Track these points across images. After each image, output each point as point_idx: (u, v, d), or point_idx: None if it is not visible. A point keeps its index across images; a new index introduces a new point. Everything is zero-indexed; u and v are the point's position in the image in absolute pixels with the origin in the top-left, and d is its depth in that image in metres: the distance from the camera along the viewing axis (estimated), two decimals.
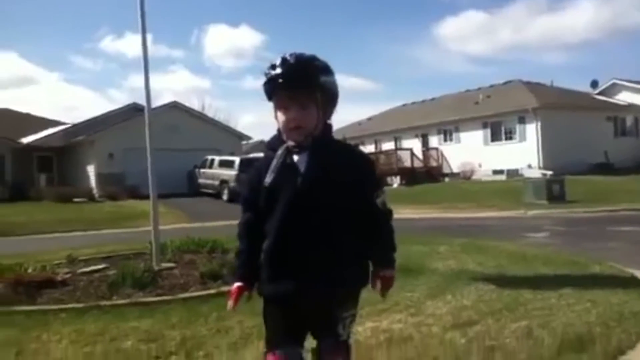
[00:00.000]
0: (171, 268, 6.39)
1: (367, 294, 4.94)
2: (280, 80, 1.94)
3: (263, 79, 2.00)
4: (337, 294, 2.01)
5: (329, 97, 2.04)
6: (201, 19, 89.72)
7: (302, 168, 1.97)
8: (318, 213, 1.94)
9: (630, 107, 30.04)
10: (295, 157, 1.99)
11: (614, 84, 32.29)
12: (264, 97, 2.03)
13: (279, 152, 1.99)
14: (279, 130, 2.04)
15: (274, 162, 1.98)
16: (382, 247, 2.11)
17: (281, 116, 2.00)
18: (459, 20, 74.79)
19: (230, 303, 2.06)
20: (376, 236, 2.08)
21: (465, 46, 78.09)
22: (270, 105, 2.04)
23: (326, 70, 2.01)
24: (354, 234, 2.01)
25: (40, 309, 4.93)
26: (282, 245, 1.95)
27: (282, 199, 1.95)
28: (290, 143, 1.99)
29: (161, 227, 7.15)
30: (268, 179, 1.96)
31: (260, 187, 2.00)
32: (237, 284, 2.07)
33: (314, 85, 1.98)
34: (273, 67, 1.97)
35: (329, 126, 2.07)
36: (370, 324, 4.14)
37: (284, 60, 1.96)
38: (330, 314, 2.01)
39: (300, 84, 1.95)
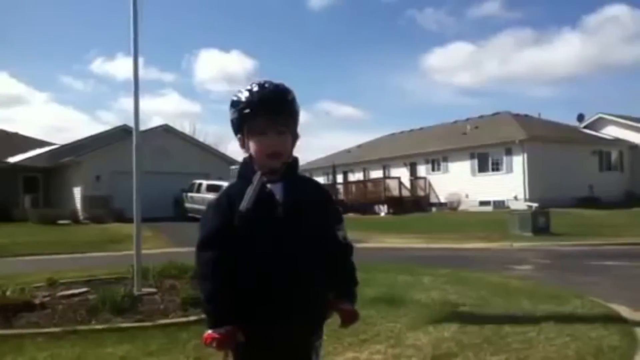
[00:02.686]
0: (152, 293, 6.33)
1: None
2: (262, 105, 1.91)
3: (238, 104, 1.95)
4: (316, 323, 2.00)
5: (297, 126, 2.03)
6: (193, 44, 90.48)
7: (279, 198, 1.93)
8: (300, 243, 1.91)
9: (615, 141, 30.55)
10: (270, 186, 1.93)
11: (600, 118, 32.85)
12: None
13: (255, 179, 1.92)
14: (250, 158, 1.98)
15: (251, 189, 1.89)
16: (345, 281, 2.05)
17: (257, 143, 1.94)
18: (445, 51, 76.04)
19: (228, 355, 1.89)
20: (339, 269, 2.04)
21: (453, 77, 79.32)
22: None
23: (296, 99, 2.01)
24: (323, 268, 1.97)
25: (16, 333, 4.85)
26: (275, 277, 1.88)
27: (262, 229, 1.89)
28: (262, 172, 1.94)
29: (145, 252, 7.10)
30: (246, 204, 1.86)
31: (232, 217, 1.89)
32: (225, 328, 1.84)
33: (291, 113, 1.98)
34: (249, 92, 1.94)
35: (297, 159, 2.05)
36: (351, 354, 4.13)
37: (261, 86, 1.95)
38: (308, 345, 1.98)
39: (281, 109, 1.94)
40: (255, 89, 1.95)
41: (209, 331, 1.86)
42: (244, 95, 1.95)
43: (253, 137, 1.95)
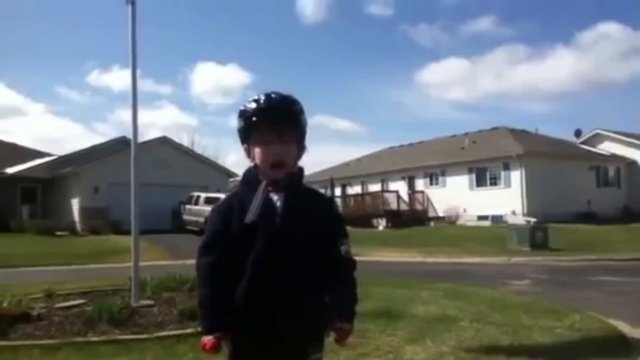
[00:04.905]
0: (149, 305, 6.30)
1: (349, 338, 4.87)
2: (268, 114, 1.93)
3: (244, 113, 1.98)
4: (313, 333, 1.97)
5: (304, 138, 2.06)
6: (189, 56, 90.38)
7: (279, 208, 1.94)
8: (294, 254, 1.91)
9: (613, 157, 30.63)
10: (273, 196, 1.96)
11: (597, 134, 32.94)
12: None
13: (260, 188, 1.93)
14: (255, 166, 2.01)
15: (257, 199, 1.91)
16: (343, 297, 2.02)
17: (262, 151, 1.96)
18: (440, 66, 76.05)
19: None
20: (339, 285, 2.01)
21: (448, 92, 79.07)
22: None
23: (303, 111, 2.03)
24: (320, 280, 1.97)
25: (12, 345, 4.83)
26: (266, 285, 1.88)
27: (259, 239, 1.90)
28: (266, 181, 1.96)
29: (142, 264, 7.09)
30: (251, 216, 1.88)
31: (233, 224, 1.92)
32: (214, 335, 1.89)
33: (297, 123, 2.00)
34: (256, 102, 1.97)
35: (302, 169, 2.06)
36: None
37: (268, 95, 1.98)
38: (304, 357, 1.96)
39: (287, 119, 1.96)
40: (262, 98, 1.97)
41: (203, 337, 1.91)
42: (250, 105, 1.98)
43: (258, 146, 1.98)
